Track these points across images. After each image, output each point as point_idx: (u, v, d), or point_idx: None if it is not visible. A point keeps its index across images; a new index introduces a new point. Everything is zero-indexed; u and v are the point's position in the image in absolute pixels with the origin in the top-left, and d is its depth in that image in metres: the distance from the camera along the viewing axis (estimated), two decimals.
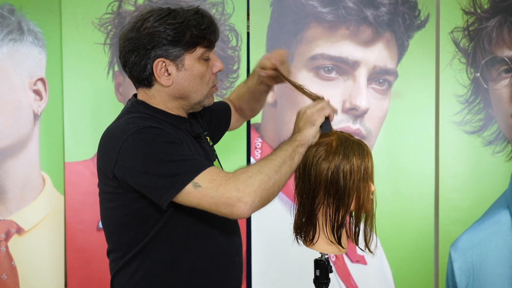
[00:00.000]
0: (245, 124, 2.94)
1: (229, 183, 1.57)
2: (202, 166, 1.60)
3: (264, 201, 1.60)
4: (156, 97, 1.78)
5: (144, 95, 1.80)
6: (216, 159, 1.97)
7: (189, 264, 1.72)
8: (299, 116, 1.77)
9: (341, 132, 1.76)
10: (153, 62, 1.72)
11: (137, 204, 1.70)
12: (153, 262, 1.74)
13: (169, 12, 1.72)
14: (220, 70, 1.81)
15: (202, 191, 1.57)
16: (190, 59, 1.74)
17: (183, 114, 1.83)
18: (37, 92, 2.91)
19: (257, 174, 1.58)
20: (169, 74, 1.74)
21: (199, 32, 1.71)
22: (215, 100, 1.92)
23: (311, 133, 1.72)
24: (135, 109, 1.78)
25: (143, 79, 1.76)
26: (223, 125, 2.17)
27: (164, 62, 1.72)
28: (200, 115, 1.99)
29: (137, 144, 1.64)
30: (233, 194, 1.55)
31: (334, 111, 1.76)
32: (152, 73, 1.73)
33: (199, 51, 1.74)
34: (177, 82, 1.75)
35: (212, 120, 2.08)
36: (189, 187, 1.58)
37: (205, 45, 1.74)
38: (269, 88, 2.11)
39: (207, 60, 1.77)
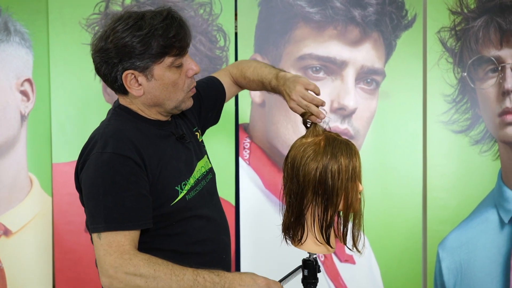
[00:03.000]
0: (233, 124, 2.94)
1: (117, 261, 1.62)
2: (120, 225, 1.65)
3: None
4: (134, 104, 1.79)
5: (124, 100, 1.81)
6: (205, 155, 1.97)
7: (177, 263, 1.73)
8: (251, 279, 1.72)
9: (328, 132, 1.77)
10: (122, 74, 1.71)
11: None
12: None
13: (136, 20, 1.69)
14: (196, 73, 1.79)
15: (98, 243, 1.65)
16: (159, 69, 1.72)
17: (163, 118, 1.83)
18: (24, 93, 2.90)
19: (145, 279, 1.61)
20: (140, 85, 1.73)
21: (166, 41, 1.69)
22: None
23: None
24: (118, 115, 1.80)
25: (116, 89, 1.77)
26: (217, 105, 2.13)
27: (133, 73, 1.71)
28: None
29: (96, 165, 1.69)
30: (109, 270, 1.62)
31: None
32: (123, 84, 1.73)
33: (168, 60, 1.72)
34: (149, 92, 1.74)
35: (202, 108, 2.05)
36: (95, 234, 1.66)
37: (174, 54, 1.72)
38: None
39: (179, 66, 1.75)
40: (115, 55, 1.69)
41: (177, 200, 1.76)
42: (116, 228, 1.64)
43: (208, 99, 2.07)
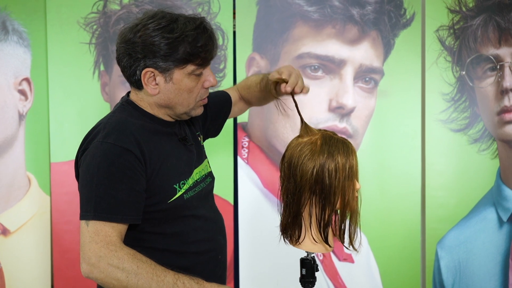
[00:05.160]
0: (231, 123, 2.94)
1: (102, 250, 1.62)
2: (109, 215, 1.65)
3: (103, 286, 1.65)
4: (145, 101, 1.81)
5: (135, 96, 1.82)
6: (206, 159, 1.98)
7: (168, 263, 1.73)
8: None
9: (324, 130, 1.76)
10: (142, 70, 1.73)
11: None
12: None
13: (169, 22, 1.71)
14: (212, 86, 1.81)
15: (85, 230, 1.65)
16: (179, 74, 1.74)
17: (169, 119, 1.84)
18: (22, 92, 2.89)
19: (126, 274, 1.61)
20: (157, 84, 1.74)
21: (193, 49, 1.70)
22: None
23: None
24: (124, 109, 1.81)
25: (133, 82, 1.78)
26: (221, 117, 2.16)
27: (153, 72, 1.73)
28: None
29: (95, 154, 1.70)
30: (92, 258, 1.62)
31: None
32: (140, 79, 1.74)
33: (190, 68, 1.73)
34: (164, 93, 1.76)
35: (208, 116, 2.08)
36: (84, 222, 1.67)
37: (197, 63, 1.74)
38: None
39: (198, 75, 1.76)
40: (140, 50, 1.71)
41: (174, 198, 1.77)
42: (105, 219, 1.65)
43: (215, 110, 2.10)
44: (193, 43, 1.70)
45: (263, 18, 2.93)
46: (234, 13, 2.93)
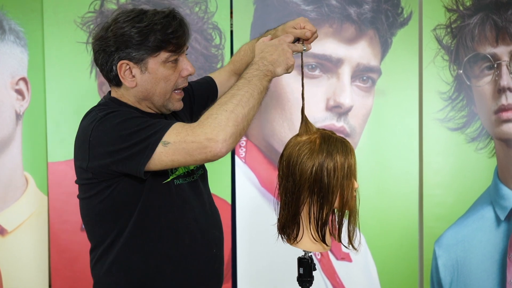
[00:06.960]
0: None
1: (195, 130, 1.58)
2: (167, 125, 1.62)
3: (237, 137, 1.62)
4: (125, 97, 1.81)
5: (115, 93, 1.84)
6: None
7: (162, 254, 1.74)
8: (273, 46, 1.74)
9: (323, 129, 1.77)
10: (117, 63, 1.74)
11: (109, 190, 1.73)
12: (127, 252, 1.76)
13: (138, 14, 1.73)
14: (190, 74, 1.81)
15: (172, 146, 1.60)
16: (154, 63, 1.74)
17: (153, 112, 1.85)
18: (19, 92, 2.89)
19: (222, 113, 1.59)
20: (133, 76, 1.75)
21: (164, 36, 1.72)
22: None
23: (281, 73, 1.74)
24: (107, 104, 1.81)
25: (111, 79, 1.79)
26: (209, 101, 2.15)
27: (128, 64, 1.74)
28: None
29: (104, 127, 1.68)
30: (202, 138, 1.57)
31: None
32: (118, 75, 1.75)
33: (164, 55, 1.74)
34: (141, 85, 1.77)
35: (194, 106, 2.08)
36: (160, 147, 1.60)
37: (170, 50, 1.75)
38: None
39: (174, 62, 1.77)
40: (113, 43, 1.72)
41: (167, 180, 1.77)
42: (168, 125, 1.62)
43: (200, 98, 2.10)
44: (163, 30, 1.72)
45: (260, 17, 2.92)
46: (231, 12, 2.93)
